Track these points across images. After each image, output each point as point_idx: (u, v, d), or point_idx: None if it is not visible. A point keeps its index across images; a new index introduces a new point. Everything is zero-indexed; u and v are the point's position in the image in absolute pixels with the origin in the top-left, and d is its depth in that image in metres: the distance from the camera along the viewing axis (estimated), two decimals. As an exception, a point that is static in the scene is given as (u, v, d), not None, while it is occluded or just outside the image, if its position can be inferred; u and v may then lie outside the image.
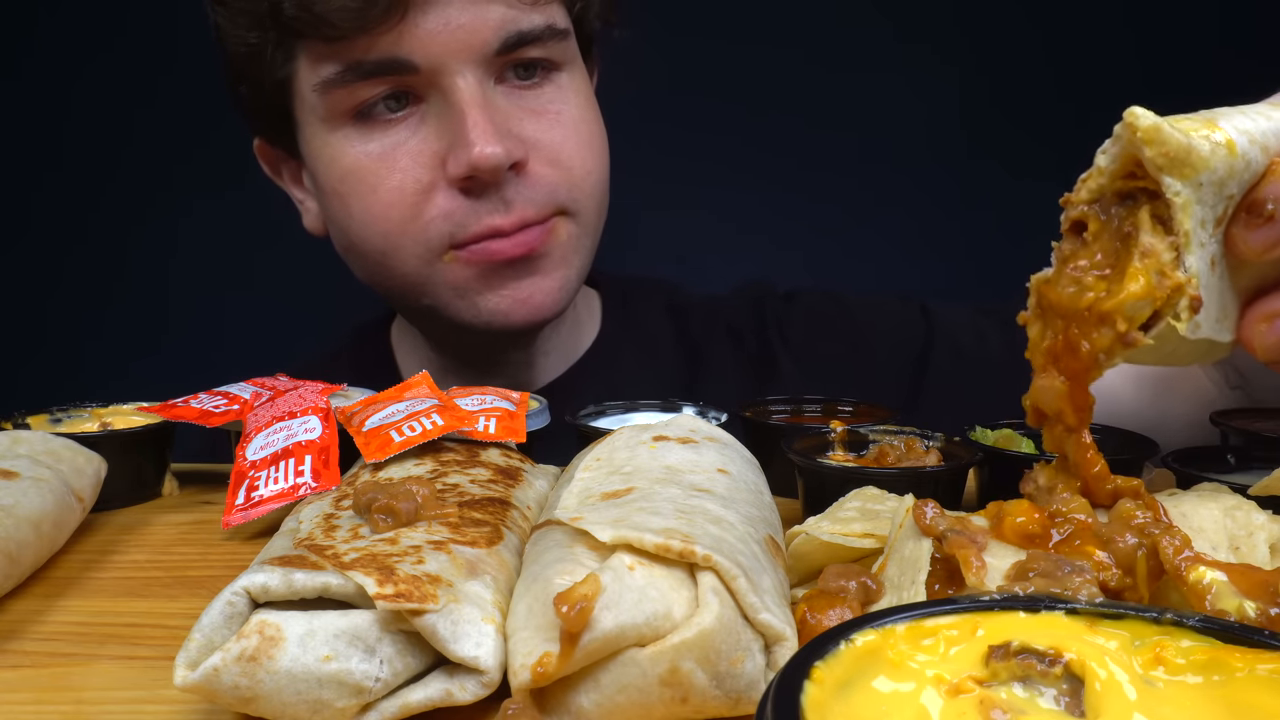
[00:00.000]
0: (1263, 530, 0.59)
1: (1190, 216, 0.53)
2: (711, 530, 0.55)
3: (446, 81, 1.06)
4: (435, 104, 1.09)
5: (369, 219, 1.12)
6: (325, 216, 1.22)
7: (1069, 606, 0.43)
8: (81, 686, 0.58)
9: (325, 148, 1.13)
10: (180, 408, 0.93)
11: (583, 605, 0.48)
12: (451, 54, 1.05)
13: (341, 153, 1.12)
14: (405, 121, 1.10)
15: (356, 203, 1.13)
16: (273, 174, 1.30)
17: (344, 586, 0.52)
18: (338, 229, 1.19)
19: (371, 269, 1.18)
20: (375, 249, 1.14)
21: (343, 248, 1.21)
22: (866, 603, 0.56)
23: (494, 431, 0.81)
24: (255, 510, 0.79)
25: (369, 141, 1.11)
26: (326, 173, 1.14)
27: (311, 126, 1.14)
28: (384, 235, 1.12)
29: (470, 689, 0.52)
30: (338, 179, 1.13)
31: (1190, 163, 0.52)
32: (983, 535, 0.55)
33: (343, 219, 1.16)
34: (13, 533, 0.68)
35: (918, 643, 0.42)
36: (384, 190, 1.10)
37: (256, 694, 0.50)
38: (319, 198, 1.21)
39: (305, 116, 1.14)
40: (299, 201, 1.28)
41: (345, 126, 1.11)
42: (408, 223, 1.11)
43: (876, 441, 0.87)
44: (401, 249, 1.13)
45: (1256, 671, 0.39)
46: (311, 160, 1.17)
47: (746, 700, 0.51)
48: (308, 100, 1.12)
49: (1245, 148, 0.55)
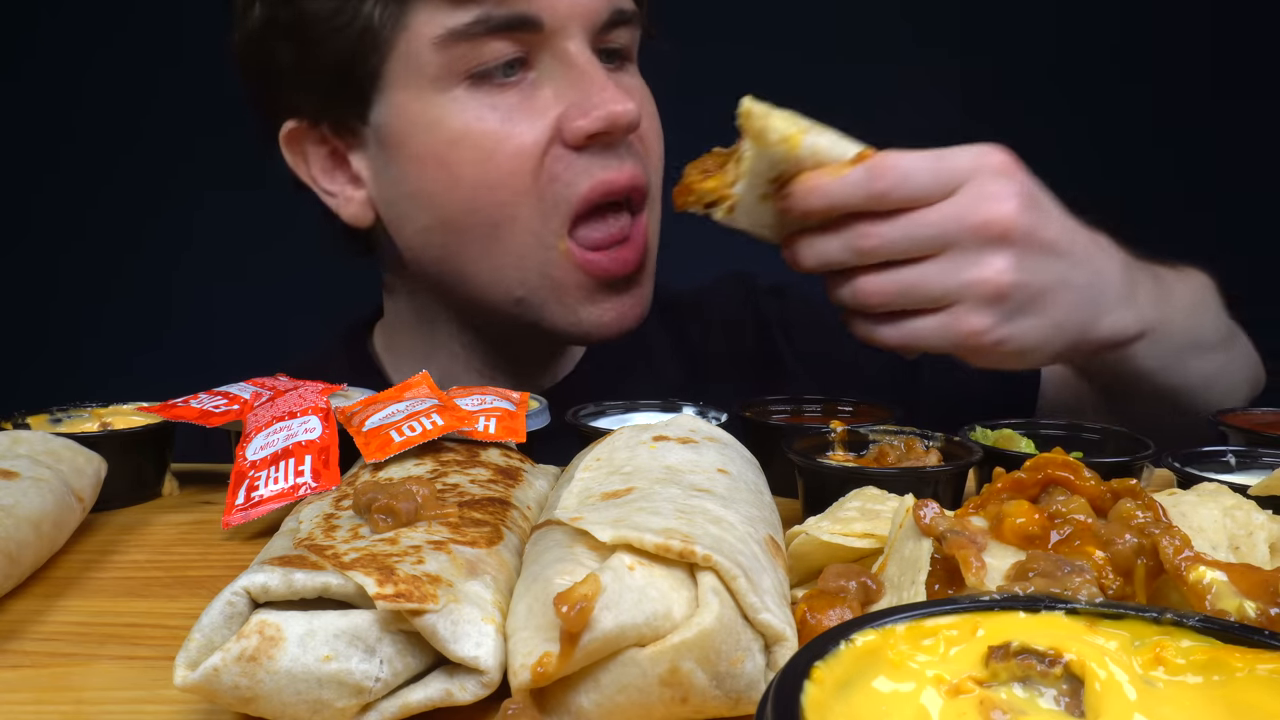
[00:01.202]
0: (1263, 530, 0.59)
1: (748, 166, 0.91)
2: (711, 530, 0.55)
3: (562, 45, 1.09)
4: (546, 70, 1.10)
5: (484, 189, 1.09)
6: (399, 192, 1.14)
7: (1069, 606, 0.43)
8: (81, 686, 0.58)
9: (430, 109, 1.09)
10: (180, 408, 0.93)
11: (583, 605, 0.48)
12: (573, 17, 1.09)
13: (450, 115, 1.09)
14: (518, 86, 1.10)
15: (470, 170, 1.09)
16: (296, 164, 1.20)
17: (344, 586, 0.52)
18: (424, 203, 1.13)
19: (461, 247, 1.13)
20: (487, 220, 1.10)
21: (420, 228, 1.15)
22: (866, 603, 0.56)
23: (494, 431, 0.81)
24: (255, 510, 0.79)
25: (483, 106, 1.09)
26: (428, 137, 1.10)
27: (412, 88, 1.10)
28: (501, 205, 1.09)
29: (470, 689, 0.52)
30: (445, 144, 1.09)
31: (763, 139, 0.89)
32: (982, 535, 0.55)
33: (443, 188, 1.11)
34: (13, 533, 0.68)
35: (918, 643, 0.42)
36: (502, 155, 1.08)
37: (256, 694, 0.50)
38: (396, 170, 1.13)
39: (406, 77, 1.10)
40: (331, 195, 1.20)
41: (456, 88, 1.09)
42: (529, 189, 1.09)
43: (876, 441, 0.87)
44: (518, 220, 1.10)
45: (1256, 671, 0.39)
46: (404, 126, 1.11)
47: (746, 700, 0.51)
48: (417, 58, 1.08)
49: (804, 149, 0.90)
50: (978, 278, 0.91)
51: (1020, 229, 0.90)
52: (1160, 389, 1.10)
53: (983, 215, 0.90)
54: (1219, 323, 1.17)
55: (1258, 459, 0.83)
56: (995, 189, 0.91)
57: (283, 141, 1.18)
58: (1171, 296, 1.07)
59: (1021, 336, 0.92)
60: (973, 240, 0.91)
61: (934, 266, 0.92)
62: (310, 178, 1.20)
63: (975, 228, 0.91)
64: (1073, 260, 0.94)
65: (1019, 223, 0.90)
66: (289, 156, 1.19)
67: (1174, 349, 1.07)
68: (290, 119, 1.17)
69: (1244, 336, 1.25)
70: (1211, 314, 1.16)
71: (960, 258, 0.91)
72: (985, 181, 0.91)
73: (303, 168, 1.19)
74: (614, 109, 1.07)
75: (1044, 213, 0.93)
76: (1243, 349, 1.23)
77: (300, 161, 1.19)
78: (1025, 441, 0.90)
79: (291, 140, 1.18)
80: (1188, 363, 1.10)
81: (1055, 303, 0.93)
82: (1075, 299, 0.94)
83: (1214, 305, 1.18)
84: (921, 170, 0.92)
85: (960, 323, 0.92)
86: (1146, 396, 1.12)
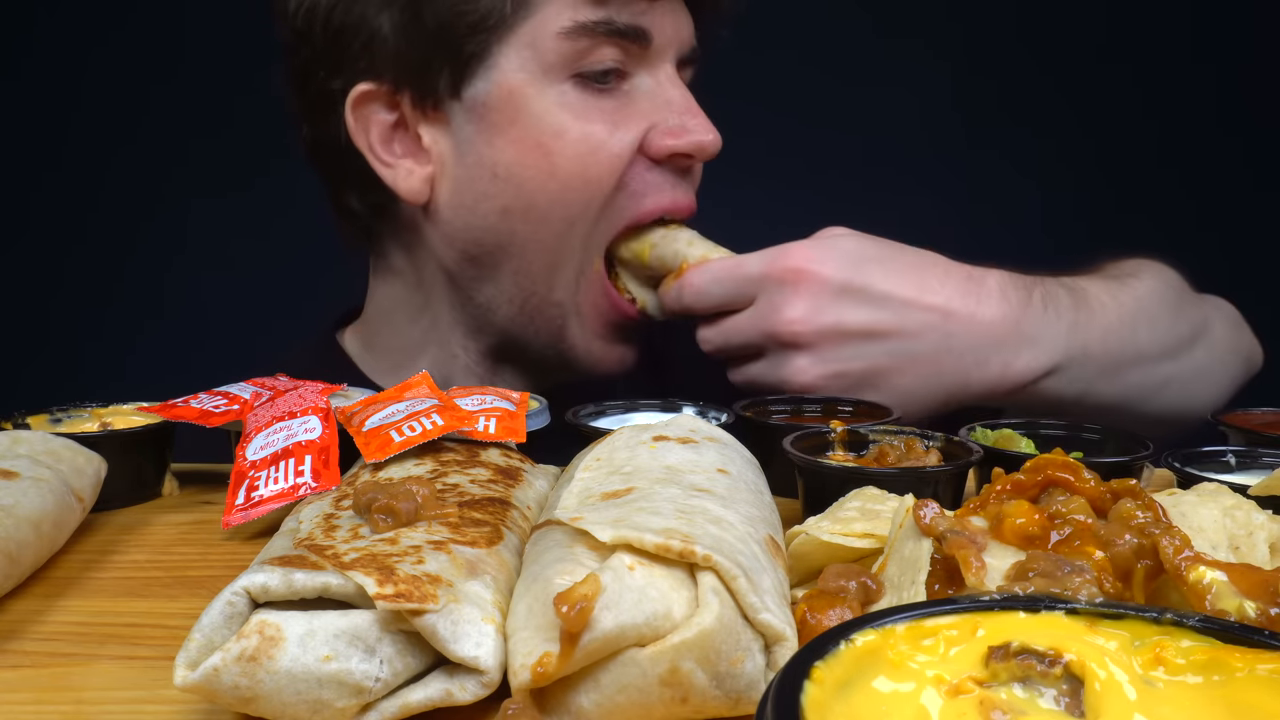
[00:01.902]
0: (1263, 530, 0.59)
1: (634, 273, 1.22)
2: (711, 530, 0.55)
3: (659, 65, 1.17)
4: (640, 84, 1.17)
5: (582, 181, 1.14)
6: (485, 173, 1.15)
7: (1069, 606, 0.43)
8: (81, 686, 0.58)
9: (540, 98, 1.13)
10: (180, 408, 0.93)
11: (583, 605, 0.48)
12: (673, 42, 1.18)
13: (558, 107, 1.13)
14: (614, 95, 1.16)
15: (571, 163, 1.13)
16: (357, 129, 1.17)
17: (344, 586, 0.52)
18: (514, 186, 1.14)
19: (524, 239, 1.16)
20: (566, 216, 1.15)
21: (498, 209, 1.15)
22: (866, 603, 0.56)
23: (494, 431, 0.81)
24: (255, 510, 0.79)
25: (587, 104, 1.14)
26: (534, 124, 1.13)
27: (525, 73, 1.13)
28: (587, 203, 1.15)
29: (470, 689, 0.52)
30: (551, 134, 1.13)
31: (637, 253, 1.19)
32: (982, 535, 0.55)
33: (540, 175, 1.13)
34: (13, 533, 0.68)
35: (918, 643, 0.42)
36: (603, 156, 1.14)
37: (256, 694, 0.50)
38: (491, 150, 1.14)
39: (521, 61, 1.13)
40: (387, 165, 1.18)
41: (563, 83, 1.14)
42: (612, 192, 1.15)
43: (876, 441, 0.87)
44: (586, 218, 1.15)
45: (1256, 671, 0.39)
46: (509, 108, 1.13)
47: (746, 700, 0.51)
48: (539, 43, 1.12)
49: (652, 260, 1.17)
50: (787, 376, 1.04)
51: (810, 333, 1.02)
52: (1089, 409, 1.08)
53: (771, 325, 1.03)
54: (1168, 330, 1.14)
55: (1258, 459, 0.83)
56: (780, 299, 1.03)
57: (350, 103, 1.17)
58: (1094, 320, 1.08)
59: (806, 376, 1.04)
60: (774, 344, 1.04)
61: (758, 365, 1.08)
62: (368, 145, 1.19)
63: (770, 335, 1.04)
64: (906, 335, 1.02)
65: (806, 329, 1.02)
66: (352, 120, 1.18)
67: (1097, 372, 1.08)
68: (366, 81, 1.16)
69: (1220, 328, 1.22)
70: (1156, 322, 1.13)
71: (773, 358, 1.06)
72: (772, 292, 1.04)
73: (362, 135, 1.18)
74: (704, 138, 1.16)
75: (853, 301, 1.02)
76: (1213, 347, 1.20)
77: (362, 128, 1.18)
78: (1025, 441, 0.90)
79: (360, 103, 1.17)
80: (1123, 378, 1.10)
81: (890, 379, 1.03)
82: (920, 369, 1.03)
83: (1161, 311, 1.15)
84: (716, 285, 1.08)
85: (781, 367, 1.05)
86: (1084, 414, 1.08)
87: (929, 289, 1.03)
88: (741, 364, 1.10)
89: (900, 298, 1.02)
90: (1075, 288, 1.10)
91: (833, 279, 1.01)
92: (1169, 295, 1.18)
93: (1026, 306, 1.04)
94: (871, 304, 1.02)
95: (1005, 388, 1.04)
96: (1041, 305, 1.05)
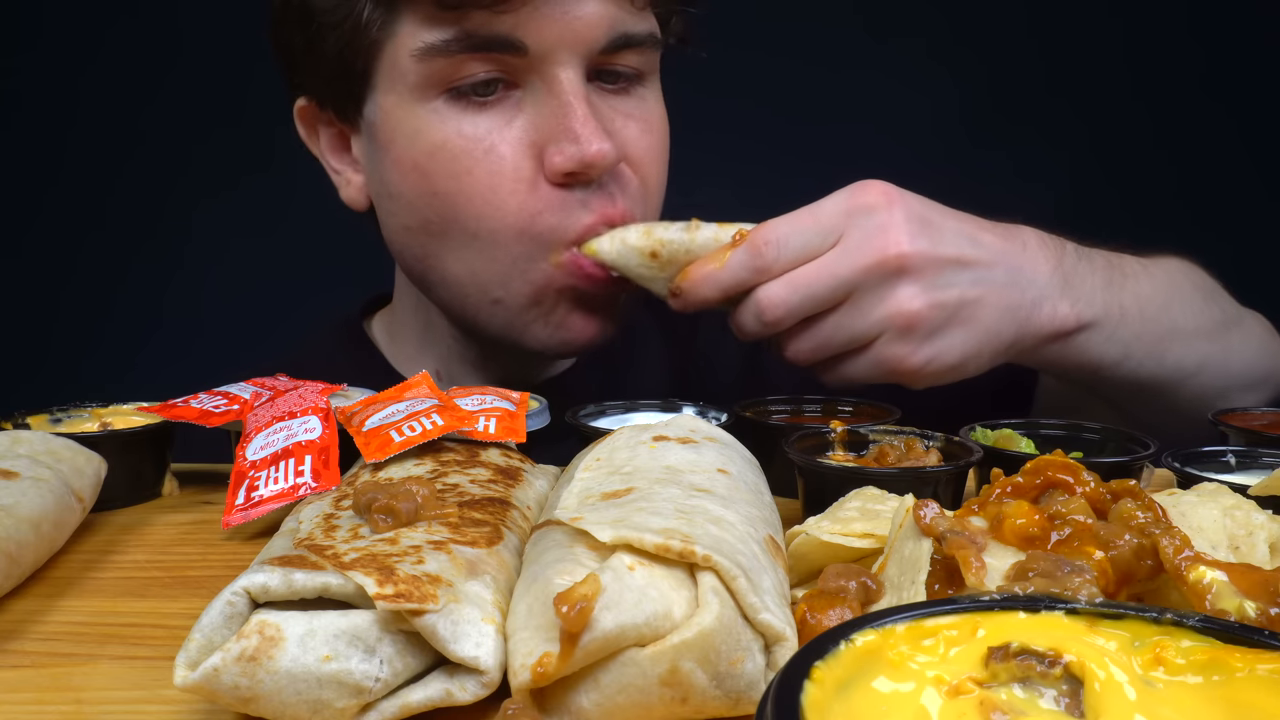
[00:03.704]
0: (1263, 530, 0.59)
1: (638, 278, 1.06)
2: (711, 530, 0.55)
3: (550, 71, 1.06)
4: (532, 92, 1.08)
5: (462, 201, 1.08)
6: (387, 192, 1.15)
7: (1069, 607, 0.43)
8: (81, 686, 0.58)
9: (411, 118, 1.09)
10: (180, 408, 0.93)
11: (583, 605, 0.48)
12: (563, 43, 1.05)
13: (430, 126, 1.08)
14: (498, 106, 1.08)
15: (446, 182, 1.08)
16: (309, 138, 1.24)
17: (344, 586, 0.52)
18: (405, 206, 1.13)
19: (441, 253, 1.13)
20: (465, 231, 1.09)
21: (403, 226, 1.15)
22: (866, 603, 0.56)
23: (494, 431, 0.81)
24: (255, 510, 0.79)
25: (462, 121, 1.07)
26: (409, 145, 1.10)
27: (395, 94, 1.10)
28: (479, 218, 1.08)
29: (470, 689, 0.52)
30: (424, 154, 1.09)
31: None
32: (982, 536, 0.55)
33: (420, 196, 1.11)
34: (13, 533, 0.68)
35: (918, 643, 0.42)
36: (481, 173, 1.07)
37: (256, 694, 0.50)
38: (382, 170, 1.14)
39: (390, 82, 1.10)
40: (336, 172, 1.22)
41: (435, 100, 1.08)
42: (509, 213, 1.08)
43: (876, 441, 0.87)
44: (498, 235, 1.09)
45: (1256, 671, 0.39)
46: (388, 130, 1.12)
47: (746, 700, 0.51)
48: (399, 65, 1.08)
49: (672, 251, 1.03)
50: (887, 313, 0.95)
51: (915, 255, 0.94)
52: (1130, 380, 1.07)
53: (873, 254, 0.94)
54: (1201, 310, 1.14)
55: (1258, 459, 0.83)
56: (877, 224, 0.94)
57: (296, 116, 1.23)
58: (1128, 283, 1.07)
59: (949, 353, 0.96)
60: (872, 279, 0.94)
61: (844, 314, 0.96)
62: (320, 153, 1.23)
63: (870, 268, 0.94)
64: (983, 265, 0.97)
65: (912, 250, 0.94)
66: (301, 130, 1.23)
67: (1134, 336, 1.06)
68: (302, 96, 1.21)
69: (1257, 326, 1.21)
70: (1190, 300, 1.13)
71: (866, 298, 0.95)
72: (864, 221, 0.95)
73: (314, 142, 1.23)
74: (588, 150, 1.04)
75: (936, 229, 0.96)
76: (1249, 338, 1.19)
77: (312, 136, 1.23)
78: (1025, 441, 0.90)
79: (303, 116, 1.22)
80: (1162, 351, 1.08)
81: (976, 312, 0.96)
82: (998, 301, 0.97)
83: (1193, 292, 1.14)
84: (798, 231, 0.95)
85: (885, 356, 0.96)
86: (1123, 390, 1.10)
87: (983, 227, 1.00)
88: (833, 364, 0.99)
89: (966, 232, 0.99)
90: (1107, 254, 1.08)
91: (916, 208, 0.96)
92: (1198, 279, 1.17)
93: (1062, 257, 1.02)
94: (949, 234, 0.97)
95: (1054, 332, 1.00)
96: (1075, 258, 1.04)
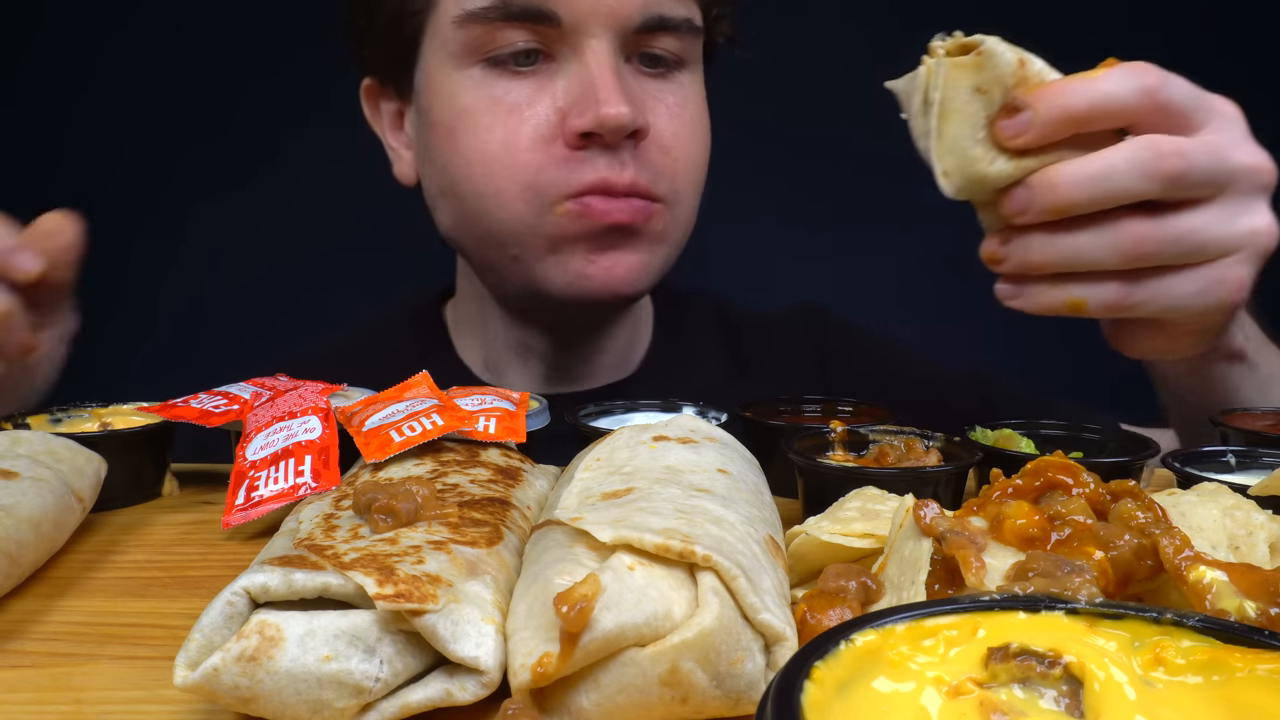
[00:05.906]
0: (1263, 530, 0.59)
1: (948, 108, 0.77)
2: (711, 530, 0.55)
3: (582, 42, 1.09)
4: (566, 64, 1.11)
5: (477, 158, 1.12)
6: (425, 157, 1.20)
7: (1069, 607, 0.43)
8: (81, 686, 0.58)
9: (448, 83, 1.14)
10: (180, 408, 0.93)
11: (583, 605, 0.48)
12: (596, 16, 1.09)
13: (464, 90, 1.13)
14: (534, 77, 1.12)
15: (468, 140, 1.13)
16: (372, 116, 1.30)
17: (344, 586, 0.52)
18: (438, 169, 1.18)
19: (465, 214, 1.17)
20: (476, 191, 1.14)
21: (438, 190, 1.20)
22: (866, 603, 0.56)
23: (494, 431, 0.81)
24: (255, 510, 0.79)
25: (494, 87, 1.12)
26: (443, 107, 1.14)
27: (437, 61, 1.14)
28: (488, 177, 1.12)
29: (470, 689, 0.52)
30: (454, 115, 1.14)
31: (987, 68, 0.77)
32: (982, 536, 0.55)
33: (447, 156, 1.15)
34: (13, 533, 0.68)
35: (918, 643, 0.42)
36: (500, 131, 1.11)
37: (256, 694, 0.50)
38: (423, 136, 1.20)
39: (433, 50, 1.15)
40: (392, 149, 1.28)
41: (473, 67, 1.12)
42: (518, 168, 1.11)
43: (876, 441, 0.87)
44: (505, 192, 1.12)
45: (1256, 671, 0.39)
46: (428, 95, 1.17)
47: (746, 700, 0.51)
48: (442, 33, 1.13)
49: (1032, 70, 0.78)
50: (1251, 227, 0.80)
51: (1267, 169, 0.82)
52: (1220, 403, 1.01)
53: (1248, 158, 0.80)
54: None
55: (1258, 459, 0.83)
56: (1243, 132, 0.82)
57: (362, 95, 1.29)
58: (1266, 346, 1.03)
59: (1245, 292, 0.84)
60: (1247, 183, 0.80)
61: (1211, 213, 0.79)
62: (381, 131, 1.29)
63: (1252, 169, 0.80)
64: None
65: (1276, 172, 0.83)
66: (366, 108, 1.30)
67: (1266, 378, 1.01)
68: (367, 74, 1.27)
69: None
70: None
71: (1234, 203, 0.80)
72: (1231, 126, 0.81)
73: (377, 120, 1.29)
74: (605, 111, 1.07)
75: None
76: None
77: (375, 114, 1.29)
78: (1025, 441, 0.90)
79: (368, 94, 1.29)
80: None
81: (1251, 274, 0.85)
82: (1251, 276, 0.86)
83: None
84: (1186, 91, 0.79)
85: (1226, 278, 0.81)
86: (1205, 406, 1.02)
87: None
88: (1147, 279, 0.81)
89: None
90: None
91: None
92: None
93: None
94: None
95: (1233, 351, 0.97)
96: None
